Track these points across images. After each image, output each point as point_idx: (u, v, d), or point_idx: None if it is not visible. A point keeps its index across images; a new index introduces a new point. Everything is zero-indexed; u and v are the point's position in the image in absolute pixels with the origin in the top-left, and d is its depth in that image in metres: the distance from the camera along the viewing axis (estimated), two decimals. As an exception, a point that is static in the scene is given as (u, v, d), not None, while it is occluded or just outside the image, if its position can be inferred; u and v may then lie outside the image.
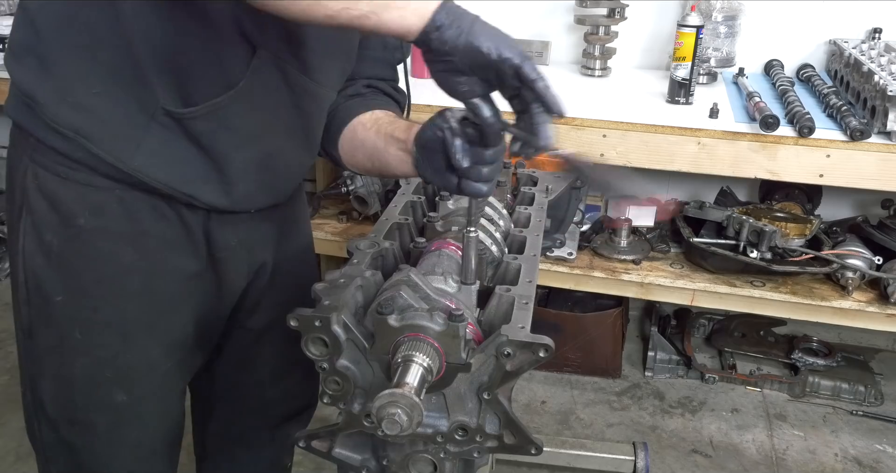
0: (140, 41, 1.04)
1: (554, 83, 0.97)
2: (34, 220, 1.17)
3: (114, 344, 1.24)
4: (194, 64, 1.08)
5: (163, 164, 1.13)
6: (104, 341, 1.23)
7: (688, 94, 2.20)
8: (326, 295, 1.02)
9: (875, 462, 2.41)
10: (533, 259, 1.22)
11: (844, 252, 2.20)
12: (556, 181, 1.58)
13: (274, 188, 1.30)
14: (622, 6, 2.52)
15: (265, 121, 1.18)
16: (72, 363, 1.24)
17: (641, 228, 2.50)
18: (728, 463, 2.38)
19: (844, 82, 2.27)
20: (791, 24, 2.56)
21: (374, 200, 2.50)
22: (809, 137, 1.96)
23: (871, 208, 2.64)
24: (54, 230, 1.16)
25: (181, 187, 1.16)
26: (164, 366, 1.31)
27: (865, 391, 2.63)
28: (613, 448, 2.23)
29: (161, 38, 1.05)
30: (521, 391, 2.68)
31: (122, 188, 1.15)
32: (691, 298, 2.28)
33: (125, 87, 1.07)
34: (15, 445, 2.37)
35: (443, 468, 1.08)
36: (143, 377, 1.29)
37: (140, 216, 1.18)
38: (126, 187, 1.15)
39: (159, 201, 1.18)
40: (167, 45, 1.05)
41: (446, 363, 0.96)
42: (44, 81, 1.09)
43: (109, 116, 1.09)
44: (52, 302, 1.20)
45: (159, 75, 1.07)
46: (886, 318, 2.15)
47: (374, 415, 0.88)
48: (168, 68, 1.07)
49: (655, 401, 2.67)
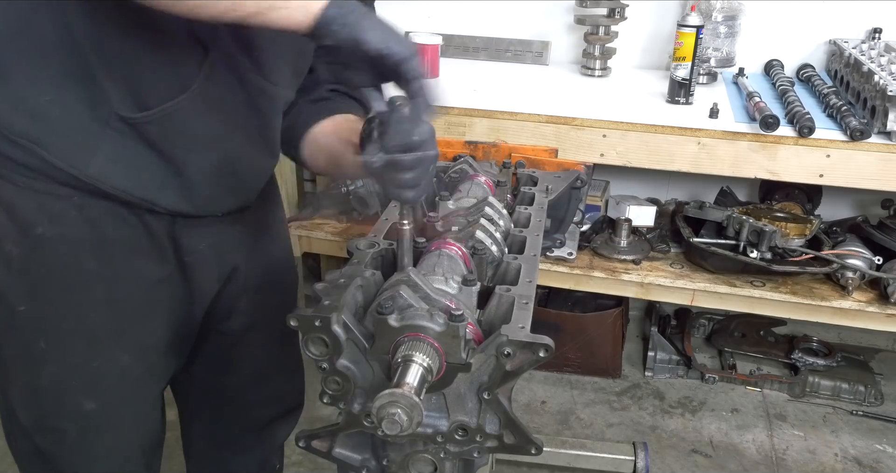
0: (90, 47, 1.03)
1: (554, 83, 0.97)
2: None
3: (80, 352, 1.22)
4: (146, 68, 1.06)
5: (120, 170, 1.11)
6: (70, 349, 1.22)
7: (688, 94, 2.20)
8: (326, 295, 1.02)
9: (875, 462, 2.41)
10: (533, 259, 1.22)
11: (844, 252, 2.20)
12: (556, 181, 1.58)
13: (237, 191, 1.28)
14: (622, 6, 2.52)
15: (222, 123, 1.17)
16: (38, 372, 1.22)
17: (641, 228, 2.50)
18: (728, 463, 2.38)
19: (844, 82, 2.27)
20: (791, 24, 2.56)
21: (374, 200, 2.50)
22: (809, 137, 1.96)
23: (871, 208, 2.64)
24: (14, 240, 1.14)
25: (140, 193, 1.14)
26: (135, 372, 1.29)
27: (865, 391, 2.63)
28: (613, 448, 2.23)
29: (111, 43, 1.04)
30: (521, 391, 2.68)
31: (80, 196, 1.13)
32: (691, 298, 2.28)
33: (78, 93, 1.06)
34: (15, 445, 2.37)
35: (443, 468, 1.08)
36: (112, 384, 1.27)
37: (100, 223, 1.16)
38: (84, 194, 1.12)
39: (120, 208, 1.16)
40: (117, 49, 1.04)
41: (446, 363, 0.96)
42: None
43: (63, 123, 1.07)
44: (15, 312, 1.18)
45: (111, 80, 1.05)
46: (886, 318, 2.15)
47: (374, 415, 0.88)
48: (120, 73, 1.05)
49: (655, 401, 2.67)
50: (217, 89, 1.13)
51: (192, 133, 1.13)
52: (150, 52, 1.06)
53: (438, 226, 1.27)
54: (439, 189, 1.52)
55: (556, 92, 2.39)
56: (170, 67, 1.08)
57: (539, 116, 2.14)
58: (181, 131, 1.12)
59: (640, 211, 2.53)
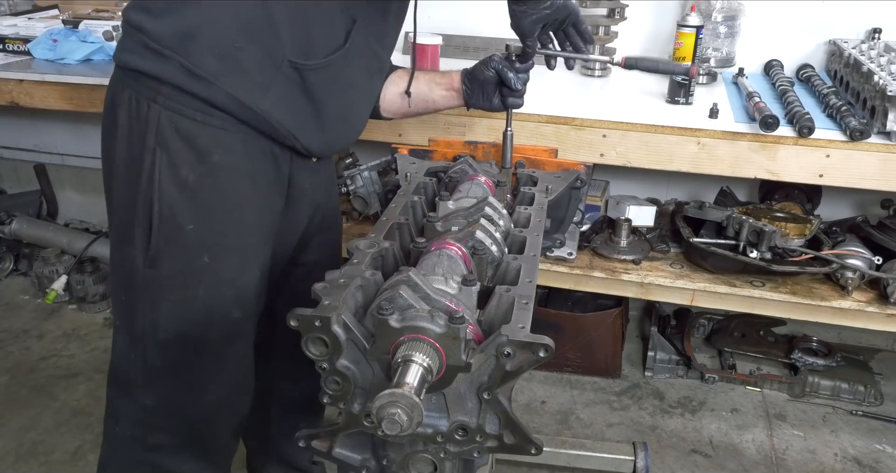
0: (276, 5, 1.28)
1: (554, 83, 0.98)
2: (170, 158, 1.34)
3: (235, 267, 1.45)
4: (314, 27, 1.34)
5: (283, 108, 1.37)
6: (228, 264, 1.43)
7: (688, 94, 2.20)
8: (326, 295, 1.02)
9: (875, 461, 2.41)
10: (533, 259, 1.22)
11: (844, 252, 2.20)
12: (556, 181, 1.58)
13: (347, 138, 1.56)
14: (622, 6, 2.52)
15: (354, 77, 1.46)
16: (196, 284, 1.42)
17: (641, 228, 2.50)
18: (728, 463, 2.38)
19: (844, 82, 2.27)
20: (791, 24, 2.56)
21: (374, 200, 2.50)
22: (809, 138, 1.95)
23: (871, 208, 2.64)
24: (190, 166, 1.35)
25: (294, 129, 1.40)
26: (261, 288, 1.52)
27: (865, 391, 2.63)
28: (613, 448, 2.23)
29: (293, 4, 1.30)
30: (521, 391, 2.68)
31: (245, 131, 1.37)
32: (691, 298, 2.28)
33: (261, 41, 1.30)
34: (15, 445, 2.38)
35: (443, 468, 1.08)
36: (251, 296, 1.50)
37: (255, 156, 1.41)
38: (249, 128, 1.37)
39: (268, 143, 1.42)
40: (296, 9, 1.30)
41: (446, 363, 0.96)
42: (189, 34, 1.28)
43: (248, 65, 1.31)
44: (183, 230, 1.37)
45: (289, 33, 1.31)
46: (886, 318, 2.15)
47: (374, 415, 0.88)
48: (296, 28, 1.31)
49: (655, 401, 2.67)
50: (355, 51, 1.41)
51: (336, 82, 1.41)
52: (318, 16, 1.34)
53: (438, 226, 1.27)
54: (439, 189, 1.52)
55: (556, 92, 2.39)
56: (330, 29, 1.37)
57: (539, 116, 2.14)
58: (330, 80, 1.39)
59: (639, 211, 2.53)
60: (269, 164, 1.44)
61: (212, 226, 1.40)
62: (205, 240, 1.40)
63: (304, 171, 1.54)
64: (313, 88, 1.38)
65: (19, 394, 2.62)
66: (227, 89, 1.31)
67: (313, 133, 1.44)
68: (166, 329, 1.43)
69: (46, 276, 3.23)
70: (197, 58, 1.29)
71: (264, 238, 1.49)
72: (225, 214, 1.41)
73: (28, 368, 2.77)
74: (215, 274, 1.42)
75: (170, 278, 1.41)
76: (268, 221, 1.49)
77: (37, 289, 3.30)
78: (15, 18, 2.89)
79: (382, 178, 2.50)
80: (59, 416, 2.51)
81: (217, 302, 1.44)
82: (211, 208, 1.39)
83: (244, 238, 1.45)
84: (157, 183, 1.35)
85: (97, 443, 2.44)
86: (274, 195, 1.49)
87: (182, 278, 1.41)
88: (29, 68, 2.50)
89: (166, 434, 1.52)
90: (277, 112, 1.36)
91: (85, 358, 2.84)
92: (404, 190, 1.48)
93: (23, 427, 2.46)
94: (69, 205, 3.71)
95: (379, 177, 2.49)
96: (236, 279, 1.45)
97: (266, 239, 1.50)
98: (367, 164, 2.50)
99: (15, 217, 3.32)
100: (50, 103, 2.46)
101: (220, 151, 1.36)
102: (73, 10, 3.07)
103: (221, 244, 1.42)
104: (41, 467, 2.30)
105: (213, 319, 1.45)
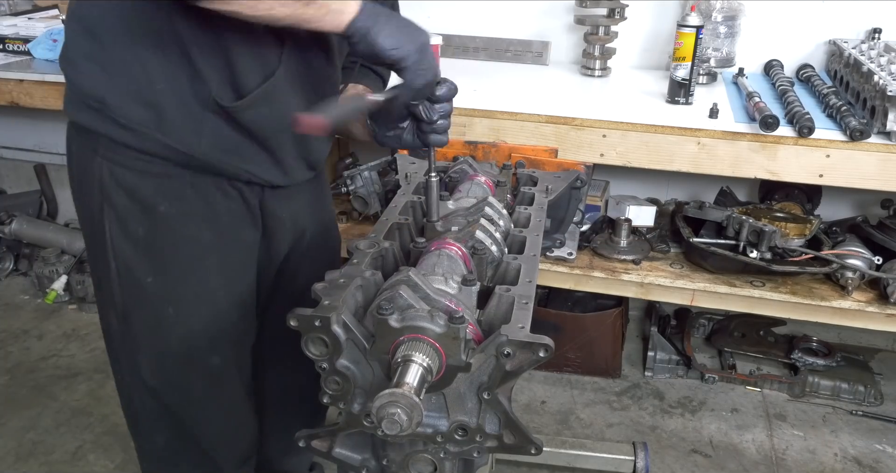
0: (192, 41, 1.19)
1: (554, 83, 0.98)
2: (117, 213, 1.30)
3: (204, 314, 1.40)
4: (237, 58, 1.22)
5: (222, 149, 1.28)
6: (196, 313, 1.39)
7: (688, 94, 2.20)
8: (326, 295, 1.02)
9: (875, 461, 2.41)
10: (533, 259, 1.22)
11: (844, 252, 2.20)
12: (556, 181, 1.58)
13: (309, 161, 1.45)
14: (622, 6, 2.52)
15: (295, 102, 1.32)
16: (168, 336, 1.38)
17: (641, 228, 2.50)
18: (728, 463, 2.38)
19: (844, 82, 2.27)
20: (791, 24, 2.56)
21: (374, 200, 2.50)
22: (809, 137, 1.96)
23: (871, 208, 2.64)
24: (138, 220, 1.30)
25: (243, 165, 1.32)
26: (241, 327, 1.48)
27: (865, 391, 2.63)
28: (613, 448, 2.23)
29: (207, 37, 1.19)
30: (521, 391, 2.68)
31: (192, 174, 1.29)
32: (691, 298, 2.28)
33: (183, 82, 1.21)
34: (15, 445, 2.38)
35: (443, 468, 1.08)
36: (228, 339, 1.45)
37: (211, 198, 1.33)
38: (195, 172, 1.29)
39: (223, 182, 1.33)
40: (213, 42, 1.20)
41: (446, 363, 0.96)
42: (111, 85, 1.22)
43: (174, 109, 1.23)
44: (143, 285, 1.34)
45: (210, 70, 1.21)
46: (886, 318, 2.15)
47: (374, 415, 0.88)
48: (216, 63, 1.21)
49: (655, 401, 2.67)
50: (291, 74, 1.30)
51: (274, 111, 1.29)
52: (239, 44, 1.22)
53: (438, 226, 1.27)
54: (439, 189, 1.52)
55: (556, 92, 2.39)
56: (256, 58, 1.24)
57: (539, 116, 2.14)
58: (265, 112, 1.28)
59: (639, 211, 2.53)
60: (232, 201, 1.36)
61: (171, 277, 1.35)
62: (166, 292, 1.36)
63: (278, 200, 1.44)
64: (249, 124, 1.27)
65: (19, 394, 2.62)
66: (158, 138, 1.24)
67: (267, 166, 1.35)
68: (150, 379, 1.43)
69: (46, 276, 3.23)
70: (123, 109, 1.22)
71: (238, 278, 1.44)
72: (184, 263, 1.35)
73: (28, 368, 2.77)
74: (184, 325, 1.38)
75: (141, 331, 1.39)
76: (240, 259, 1.43)
77: (37, 289, 3.29)
78: (15, 18, 2.89)
79: (382, 178, 2.50)
80: (59, 416, 2.51)
81: (192, 351, 1.41)
82: (166, 260, 1.34)
83: (208, 285, 1.39)
84: (109, 239, 1.32)
85: (97, 443, 2.43)
86: (245, 230, 1.42)
87: (151, 331, 1.39)
88: (29, 68, 2.50)
89: (187, 466, 1.55)
90: (217, 153, 1.28)
91: (85, 358, 2.84)
92: (404, 190, 1.48)
93: (23, 427, 2.46)
94: (69, 205, 3.68)
95: (379, 177, 2.50)
96: (208, 327, 1.41)
97: (241, 278, 1.44)
98: (367, 164, 2.50)
99: (15, 217, 3.32)
100: (50, 103, 2.46)
101: (166, 201, 1.30)
102: (73, 10, 3.06)
103: (184, 295, 1.37)
104: (41, 467, 2.30)
105: (191, 368, 1.43)
